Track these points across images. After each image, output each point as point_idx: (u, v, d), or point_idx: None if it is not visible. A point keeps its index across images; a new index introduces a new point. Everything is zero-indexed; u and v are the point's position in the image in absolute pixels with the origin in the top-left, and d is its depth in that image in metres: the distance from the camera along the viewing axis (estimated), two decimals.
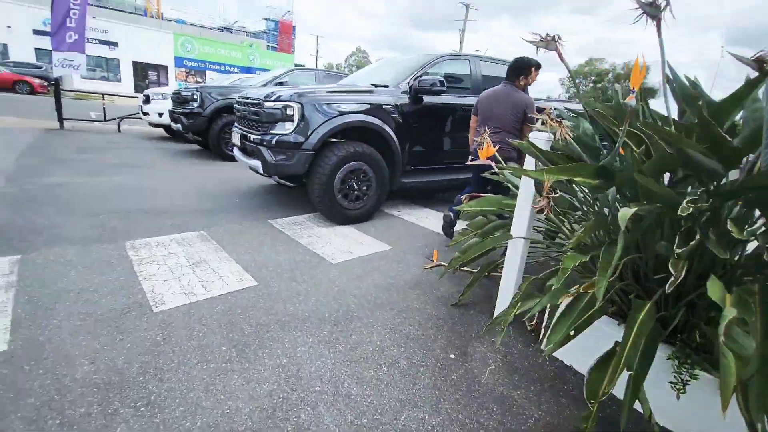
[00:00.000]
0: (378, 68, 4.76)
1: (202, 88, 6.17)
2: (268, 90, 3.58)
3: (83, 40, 8.66)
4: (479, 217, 2.49)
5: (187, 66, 30.10)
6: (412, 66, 4.06)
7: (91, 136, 8.15)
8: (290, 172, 3.37)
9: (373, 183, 3.64)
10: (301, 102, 3.25)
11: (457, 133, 4.26)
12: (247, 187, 4.82)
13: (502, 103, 3.06)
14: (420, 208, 4.40)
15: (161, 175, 5.08)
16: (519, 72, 3.11)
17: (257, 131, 3.48)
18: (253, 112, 3.50)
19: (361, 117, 3.48)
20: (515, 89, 3.10)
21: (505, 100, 3.05)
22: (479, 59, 4.44)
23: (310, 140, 3.27)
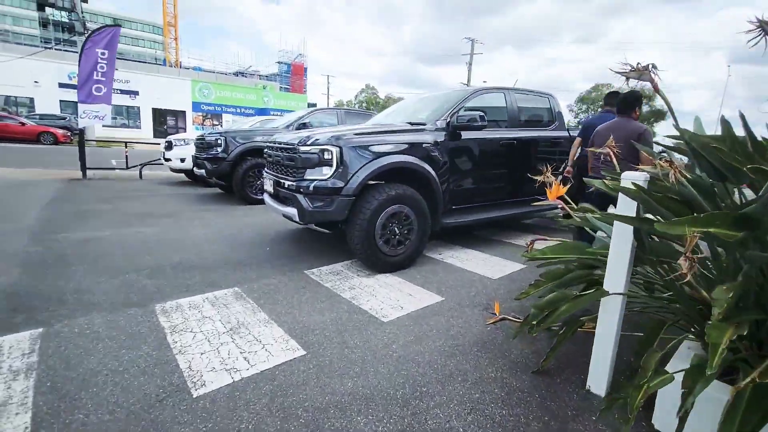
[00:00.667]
0: (410, 105, 4.62)
1: (226, 133, 6.14)
2: (302, 134, 3.43)
3: (110, 92, 8.90)
4: (557, 265, 2.19)
5: (204, 110, 31.16)
6: (448, 102, 3.90)
7: (113, 184, 8.18)
8: (329, 219, 3.14)
9: (415, 226, 3.39)
10: (339, 145, 3.07)
11: (498, 169, 4.03)
12: (275, 232, 4.61)
13: (622, 134, 3.01)
14: (462, 249, 4.10)
15: (186, 223, 4.91)
16: (634, 104, 3.21)
17: (292, 177, 3.29)
18: (287, 157, 3.32)
19: (401, 158, 3.28)
20: (631, 120, 3.20)
21: (624, 130, 3.08)
22: (514, 91, 4.28)
23: (350, 185, 3.05)
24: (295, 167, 3.23)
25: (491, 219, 4.01)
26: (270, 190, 3.65)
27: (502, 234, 4.81)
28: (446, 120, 3.66)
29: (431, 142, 3.51)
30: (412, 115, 4.17)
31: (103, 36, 8.86)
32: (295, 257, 3.69)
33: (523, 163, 4.22)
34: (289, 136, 3.55)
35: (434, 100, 4.25)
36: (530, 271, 3.45)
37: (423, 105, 4.30)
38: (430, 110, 4.00)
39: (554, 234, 4.86)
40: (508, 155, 4.09)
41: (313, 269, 3.38)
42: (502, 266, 3.59)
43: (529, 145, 4.26)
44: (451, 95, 4.08)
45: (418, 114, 4.09)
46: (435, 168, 3.50)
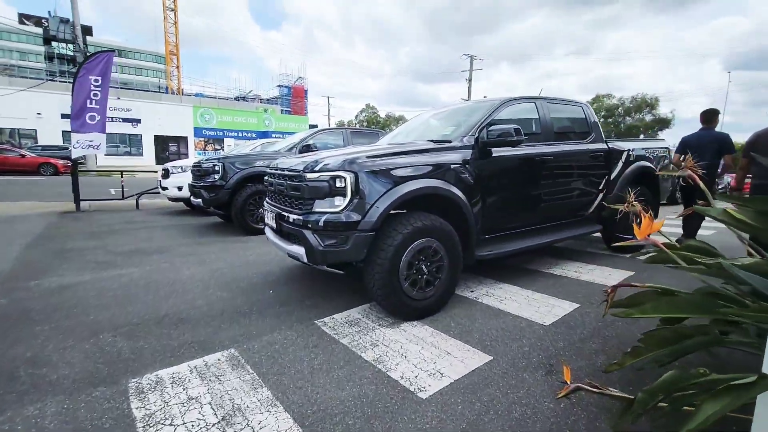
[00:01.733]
0: (427, 121, 4.13)
1: (224, 158, 5.67)
2: (308, 158, 2.92)
3: (105, 120, 8.55)
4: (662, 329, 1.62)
5: (206, 135, 31.15)
6: (474, 115, 3.41)
7: (107, 216, 7.72)
8: (344, 260, 2.60)
9: (445, 262, 2.84)
10: (354, 171, 2.55)
11: (534, 190, 3.51)
12: (278, 269, 4.06)
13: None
14: (495, 284, 3.53)
15: (179, 261, 4.38)
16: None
17: (297, 210, 2.76)
18: (291, 186, 2.81)
19: (428, 182, 2.76)
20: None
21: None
22: (546, 101, 3.79)
23: (368, 218, 2.52)
24: (301, 198, 2.71)
25: (530, 248, 3.45)
26: (272, 224, 3.13)
27: (534, 262, 4.24)
28: (474, 135, 3.16)
29: (459, 162, 2.99)
30: (431, 131, 3.69)
31: (97, 63, 8.58)
32: (303, 302, 3.13)
33: (561, 182, 3.69)
34: (292, 161, 3.05)
35: (457, 114, 3.76)
36: (590, 313, 2.87)
37: (444, 119, 3.82)
38: (454, 125, 3.51)
39: (595, 260, 4.29)
40: (545, 173, 3.56)
41: (325, 318, 2.82)
42: (549, 306, 3.01)
43: (567, 161, 3.74)
44: (475, 107, 3.59)
45: (440, 130, 3.60)
46: (465, 192, 2.97)
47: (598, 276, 3.71)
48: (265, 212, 3.30)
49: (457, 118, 3.66)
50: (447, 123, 3.73)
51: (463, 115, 3.61)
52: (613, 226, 4.14)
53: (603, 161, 4.03)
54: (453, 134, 3.28)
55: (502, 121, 3.37)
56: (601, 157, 4.01)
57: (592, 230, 4.05)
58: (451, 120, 3.71)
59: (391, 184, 2.63)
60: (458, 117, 3.66)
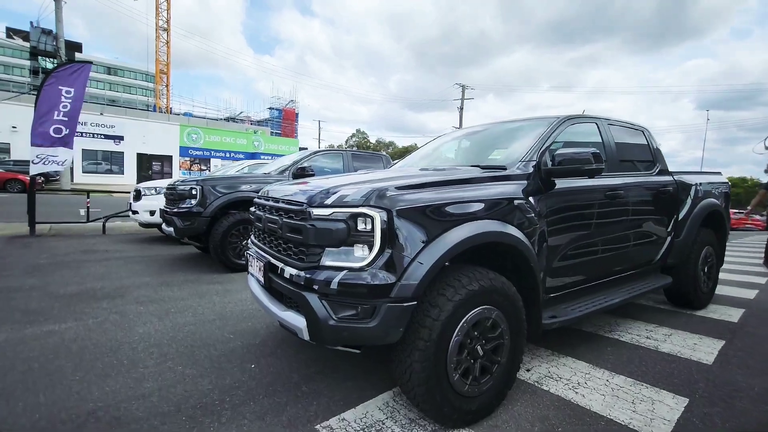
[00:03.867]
0: (460, 141, 3.34)
1: (203, 180, 4.78)
2: (314, 185, 2.07)
3: (73, 135, 7.61)
4: None
5: (192, 155, 30.22)
6: (529, 135, 2.64)
7: (65, 242, 6.66)
8: (367, 342, 1.72)
9: (506, 339, 1.98)
10: (385, 207, 1.71)
11: (604, 232, 2.73)
12: (264, 327, 3.13)
13: None
14: (554, 357, 2.66)
15: (134, 312, 3.41)
16: None
17: (297, 260, 1.90)
18: (289, 225, 1.94)
19: (489, 226, 1.94)
20: None
21: None
22: (607, 122, 3.06)
23: (408, 279, 1.67)
24: (304, 243, 1.84)
25: (603, 309, 2.63)
26: (257, 275, 2.23)
27: (586, 320, 3.40)
28: (533, 161, 2.38)
29: (519, 196, 2.19)
30: (467, 154, 2.92)
31: (70, 72, 7.71)
32: (299, 388, 2.21)
33: (629, 222, 2.92)
34: (290, 189, 2.20)
35: (500, 133, 3.01)
36: (714, 417, 2.01)
37: (482, 140, 3.06)
38: (500, 147, 2.75)
39: (661, 320, 3.46)
40: (614, 212, 2.79)
41: (331, 420, 1.90)
42: (647, 402, 2.15)
43: (636, 196, 2.98)
44: (526, 126, 2.84)
45: (478, 153, 2.84)
46: (530, 238, 2.16)
47: (682, 346, 2.87)
48: (249, 256, 2.41)
49: (502, 138, 2.90)
50: (487, 144, 2.97)
51: (509, 136, 2.85)
52: (683, 278, 3.37)
53: (670, 197, 3.29)
54: (506, 159, 2.49)
55: (565, 144, 2.61)
56: (669, 192, 3.27)
57: (662, 283, 3.26)
58: (494, 141, 2.95)
59: (439, 228, 1.80)
60: (503, 137, 2.90)
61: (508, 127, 3.01)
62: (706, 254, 3.65)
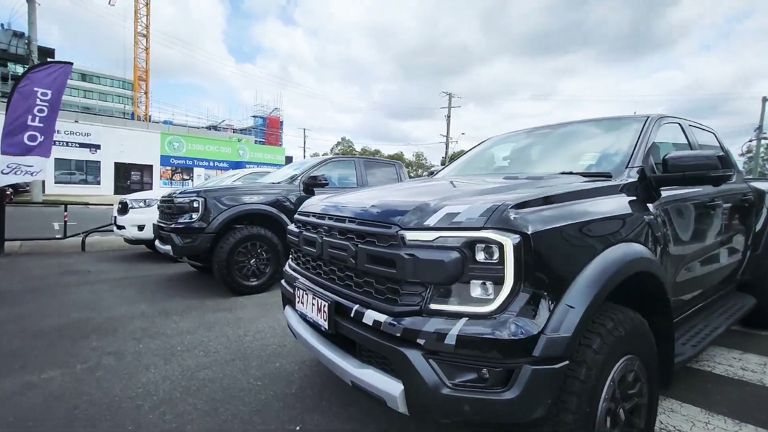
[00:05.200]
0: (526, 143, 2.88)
1: (206, 192, 4.22)
2: (399, 198, 1.59)
3: (50, 143, 6.89)
4: None
5: (174, 164, 29.18)
6: (623, 136, 2.24)
7: (39, 262, 5.93)
8: (505, 418, 1.24)
9: (644, 394, 1.54)
10: (520, 230, 1.25)
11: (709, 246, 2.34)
12: (297, 369, 2.60)
13: None
14: (677, 404, 2.23)
15: (132, 351, 2.83)
16: None
17: (386, 301, 1.41)
18: (371, 255, 1.45)
19: (634, 251, 1.51)
20: None
21: None
22: (688, 122, 2.70)
23: (555, 330, 1.19)
24: (398, 279, 1.36)
25: (714, 338, 2.23)
26: (315, 317, 1.72)
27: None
28: (637, 167, 1.97)
29: (648, 211, 1.78)
30: (539, 159, 2.51)
31: (47, 73, 7.01)
32: None
33: (722, 235, 2.55)
34: (357, 202, 1.70)
35: (575, 136, 2.60)
36: None
37: (553, 144, 2.64)
38: (579, 152, 2.34)
39: (747, 346, 3.08)
40: (712, 224, 2.43)
41: None
42: None
43: (726, 205, 2.62)
44: (606, 127, 2.45)
45: (556, 158, 2.42)
46: (661, 260, 1.74)
47: None
48: (298, 290, 1.89)
49: (579, 141, 2.50)
50: (558, 148, 2.55)
51: (588, 138, 2.46)
52: (766, 296, 3.03)
53: (750, 206, 2.96)
54: (605, 165, 2.07)
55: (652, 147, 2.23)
56: (750, 200, 2.93)
57: (750, 304, 2.89)
58: (566, 144, 2.54)
59: (583, 256, 1.36)
60: (579, 140, 2.50)
61: (582, 129, 2.60)
62: None
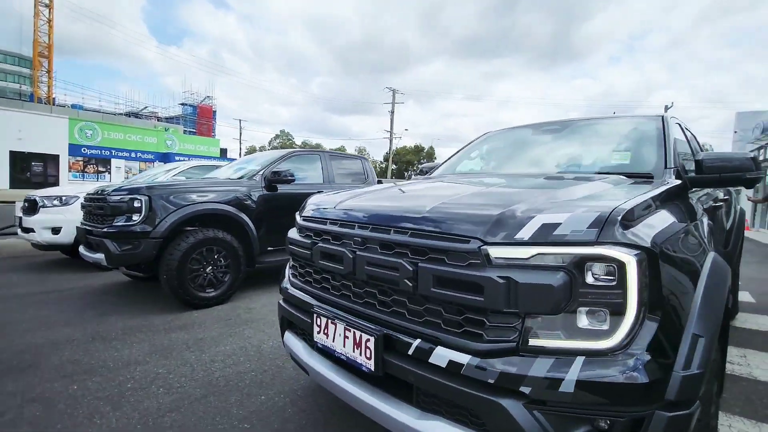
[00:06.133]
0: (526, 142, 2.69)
1: (149, 189, 3.53)
2: (465, 200, 1.28)
3: None
4: None
5: (87, 154, 25.84)
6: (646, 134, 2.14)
7: None
8: None
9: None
10: (644, 245, 1.01)
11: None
12: (289, 401, 2.18)
13: None
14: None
15: (65, 396, 2.20)
16: None
17: (464, 335, 1.10)
18: (442, 276, 1.12)
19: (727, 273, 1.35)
20: None
21: None
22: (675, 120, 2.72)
23: (687, 367, 0.97)
24: (484, 308, 1.06)
25: None
26: (351, 355, 1.35)
27: None
28: (674, 168, 1.87)
29: (700, 216, 1.67)
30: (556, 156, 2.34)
31: None
32: None
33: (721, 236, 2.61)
34: (407, 205, 1.37)
35: (594, 133, 2.46)
36: None
37: (570, 141, 2.48)
38: (605, 150, 2.21)
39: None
40: (721, 225, 2.45)
41: None
42: None
43: (722, 208, 2.69)
44: (618, 122, 2.35)
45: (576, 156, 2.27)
46: None
47: None
48: (319, 317, 1.50)
49: (601, 139, 2.37)
50: (579, 146, 2.41)
51: (610, 136, 2.34)
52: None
53: (727, 208, 3.10)
54: (641, 165, 1.94)
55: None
56: (726, 201, 3.07)
57: None
58: (587, 142, 2.40)
59: (696, 272, 1.17)
60: (600, 138, 2.37)
61: (596, 127, 2.48)
62: None
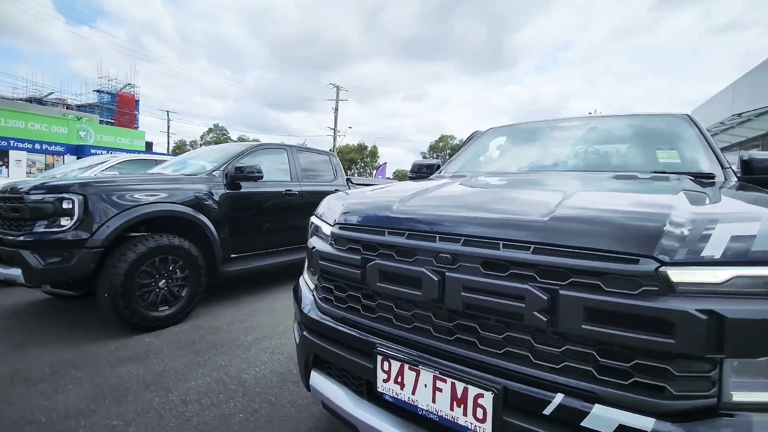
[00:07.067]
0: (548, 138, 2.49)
1: (83, 186, 2.80)
2: (618, 205, 0.99)
3: None
4: None
5: None
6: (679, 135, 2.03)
7: None
8: None
9: None
10: None
11: None
12: None
13: None
14: None
15: None
16: None
17: (630, 386, 0.81)
18: (612, 310, 0.83)
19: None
20: None
21: None
22: None
23: None
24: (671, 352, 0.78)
25: None
26: (454, 414, 0.99)
27: None
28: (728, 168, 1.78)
29: None
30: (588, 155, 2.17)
31: None
32: None
33: None
34: (536, 209, 1.05)
35: (629, 131, 2.30)
36: None
37: (604, 139, 2.32)
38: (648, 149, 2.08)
39: None
40: None
41: None
42: None
43: None
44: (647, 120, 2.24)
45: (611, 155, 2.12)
46: None
47: None
48: (387, 360, 1.11)
49: (639, 137, 2.20)
50: (618, 143, 2.25)
51: (647, 135, 2.20)
52: None
53: None
54: (695, 164, 1.81)
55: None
56: None
57: None
58: (625, 139, 2.23)
59: None
60: (637, 136, 2.21)
61: (624, 125, 2.33)
62: None
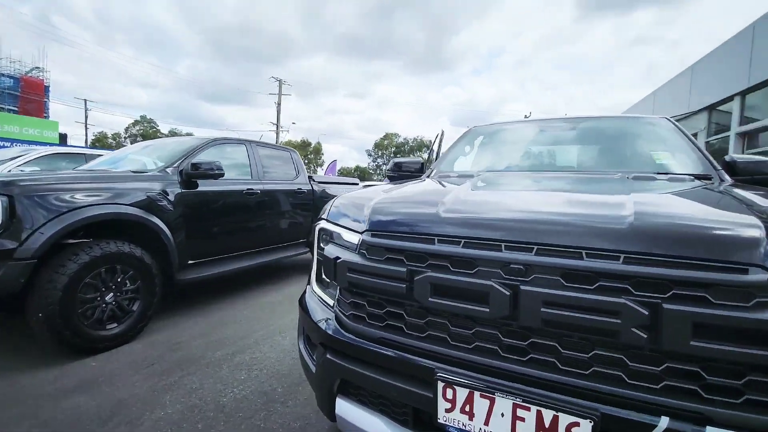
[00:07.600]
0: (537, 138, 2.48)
1: (9, 184, 2.29)
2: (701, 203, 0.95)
3: None
4: None
5: None
6: (666, 133, 2.12)
7: None
8: None
9: None
10: None
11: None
12: None
13: None
14: None
15: None
16: None
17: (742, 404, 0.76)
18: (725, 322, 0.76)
19: None
20: None
21: None
22: None
23: None
24: None
25: None
26: None
27: None
28: (720, 169, 1.88)
29: None
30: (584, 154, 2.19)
31: None
32: None
33: None
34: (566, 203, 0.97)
35: (620, 133, 2.34)
36: None
37: (598, 139, 2.34)
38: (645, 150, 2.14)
39: None
40: None
41: None
42: None
43: None
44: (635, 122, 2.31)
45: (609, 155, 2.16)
46: None
47: None
48: (451, 387, 0.95)
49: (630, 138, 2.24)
50: (610, 144, 2.27)
51: (635, 136, 2.25)
52: None
53: None
54: (692, 166, 1.88)
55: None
56: None
57: None
58: (618, 140, 2.26)
59: None
60: (629, 137, 2.26)
61: (615, 126, 2.38)
62: None
